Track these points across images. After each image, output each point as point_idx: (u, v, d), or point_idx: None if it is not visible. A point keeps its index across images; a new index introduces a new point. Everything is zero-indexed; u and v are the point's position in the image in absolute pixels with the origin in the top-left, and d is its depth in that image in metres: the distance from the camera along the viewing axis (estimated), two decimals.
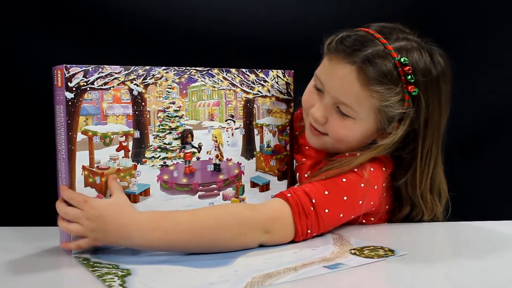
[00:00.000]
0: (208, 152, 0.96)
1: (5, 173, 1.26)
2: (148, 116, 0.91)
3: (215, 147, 0.97)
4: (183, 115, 0.94)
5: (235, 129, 1.00)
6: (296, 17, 1.32)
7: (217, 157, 0.97)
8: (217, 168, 0.97)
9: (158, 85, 0.92)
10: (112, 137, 0.87)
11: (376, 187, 0.94)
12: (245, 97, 1.01)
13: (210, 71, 0.97)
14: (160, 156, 0.92)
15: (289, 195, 0.86)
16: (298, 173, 1.06)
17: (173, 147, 0.93)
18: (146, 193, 0.90)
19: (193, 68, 0.95)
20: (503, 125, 1.34)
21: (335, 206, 0.88)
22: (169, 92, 0.93)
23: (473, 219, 1.03)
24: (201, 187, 0.95)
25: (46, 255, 0.85)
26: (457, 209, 1.02)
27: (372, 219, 0.99)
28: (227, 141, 0.99)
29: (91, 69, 0.85)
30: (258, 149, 1.02)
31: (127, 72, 0.89)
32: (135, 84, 0.89)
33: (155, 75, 0.91)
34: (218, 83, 0.98)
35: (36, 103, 1.16)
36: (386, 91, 0.91)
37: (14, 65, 1.24)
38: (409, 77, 0.91)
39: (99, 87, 0.86)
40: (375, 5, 1.28)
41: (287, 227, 0.85)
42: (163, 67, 0.92)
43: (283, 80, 1.05)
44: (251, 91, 1.01)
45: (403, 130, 0.93)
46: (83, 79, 0.85)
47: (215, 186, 0.97)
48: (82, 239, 0.81)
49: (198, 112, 0.96)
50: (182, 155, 0.94)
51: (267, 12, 1.31)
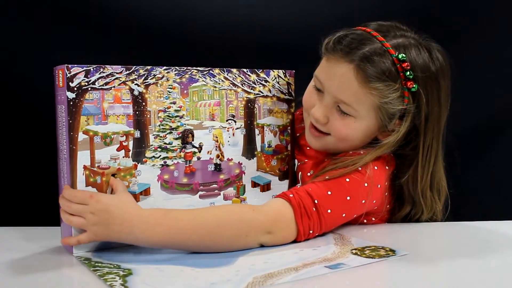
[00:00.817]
0: (208, 152, 0.96)
1: (6, 173, 1.26)
2: (148, 116, 0.91)
3: (216, 147, 0.97)
4: (183, 115, 0.94)
5: (236, 129, 1.00)
6: (297, 17, 1.32)
7: (217, 157, 0.97)
8: (218, 168, 0.97)
9: (159, 85, 0.92)
10: (112, 136, 0.87)
11: (379, 186, 0.94)
12: (246, 97, 1.01)
13: (211, 71, 0.97)
14: (160, 155, 0.92)
15: (291, 195, 0.86)
16: (300, 173, 1.05)
17: (173, 147, 0.93)
18: (146, 192, 0.90)
19: (194, 68, 0.95)
20: (503, 125, 1.33)
21: (338, 206, 0.88)
22: (170, 92, 0.93)
23: (473, 219, 1.03)
24: (201, 187, 0.95)
25: (47, 255, 0.85)
26: (457, 209, 1.02)
27: (373, 218, 1.00)
28: (228, 141, 0.99)
29: (92, 69, 0.85)
30: (259, 149, 1.02)
31: (128, 72, 0.89)
32: (136, 84, 0.89)
33: (156, 75, 0.91)
34: (219, 83, 0.98)
35: (37, 103, 1.16)
36: (385, 88, 0.91)
37: (14, 65, 1.24)
38: (408, 73, 0.91)
39: (100, 87, 0.86)
40: (375, 5, 1.28)
41: (289, 228, 0.85)
42: (164, 67, 0.92)
43: (284, 80, 1.05)
44: (252, 91, 1.01)
45: (405, 127, 0.94)
46: (84, 79, 0.85)
47: (216, 186, 0.97)
48: (82, 234, 0.81)
49: (199, 112, 0.96)
50: (182, 155, 0.94)
51: (268, 11, 1.31)
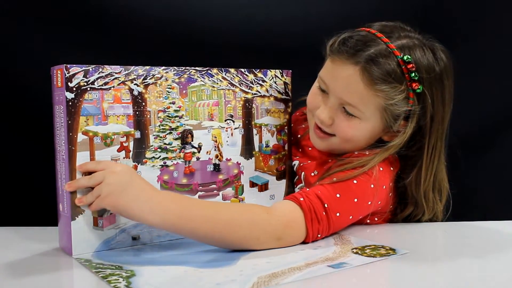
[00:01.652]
0: (207, 152, 0.96)
1: (3, 173, 1.25)
2: (148, 116, 0.90)
3: (215, 147, 0.97)
4: (183, 115, 0.94)
5: (234, 129, 1.00)
6: (296, 16, 1.32)
7: (216, 157, 0.97)
8: (217, 168, 0.97)
9: (158, 85, 0.91)
10: (113, 137, 0.87)
11: (384, 187, 0.95)
12: (244, 97, 1.01)
13: (209, 71, 0.97)
14: (160, 156, 0.91)
15: (301, 199, 0.86)
16: (303, 173, 1.05)
17: (173, 147, 0.93)
18: None
19: (193, 68, 0.95)
20: (504, 125, 1.34)
21: (346, 209, 0.88)
22: (169, 92, 0.93)
23: (473, 219, 1.03)
24: (201, 187, 0.95)
25: (45, 256, 0.84)
26: (457, 209, 1.02)
27: (376, 219, 1.00)
28: (227, 141, 0.99)
29: (91, 69, 0.85)
30: (257, 148, 1.02)
31: (127, 72, 0.88)
32: (135, 84, 0.89)
33: (155, 75, 0.91)
34: (217, 83, 0.98)
35: (35, 103, 1.15)
36: (390, 90, 0.91)
37: (13, 65, 1.22)
38: (413, 74, 0.92)
39: (99, 87, 0.86)
40: (375, 5, 1.28)
41: (299, 233, 0.85)
42: (163, 67, 0.92)
43: (281, 80, 1.05)
44: (250, 91, 1.01)
45: (411, 128, 0.94)
46: (83, 79, 0.84)
47: (215, 186, 0.97)
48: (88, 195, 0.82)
49: (198, 112, 0.96)
50: (182, 155, 0.93)
51: (267, 11, 1.31)
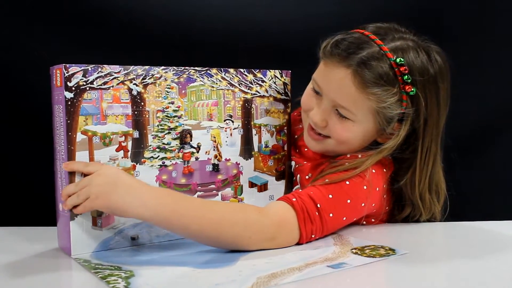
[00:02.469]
0: (207, 152, 0.96)
1: (5, 172, 1.24)
2: (147, 116, 0.90)
3: (214, 147, 0.97)
4: (182, 115, 0.94)
5: (233, 129, 0.99)
6: (296, 16, 1.32)
7: (215, 157, 0.97)
8: (216, 168, 0.97)
9: (157, 85, 0.91)
10: (111, 137, 0.87)
11: (377, 189, 0.94)
12: (243, 97, 1.00)
13: (208, 71, 0.96)
14: (159, 156, 0.91)
15: (294, 199, 0.85)
16: (298, 175, 1.05)
17: (172, 147, 0.92)
18: None
19: (192, 68, 0.95)
20: (503, 125, 1.34)
21: (339, 209, 0.88)
22: (168, 92, 0.92)
23: (473, 219, 1.03)
24: (199, 187, 0.95)
25: (44, 257, 0.84)
26: (457, 209, 1.02)
27: (372, 220, 1.00)
28: (226, 141, 0.98)
29: (90, 69, 0.85)
30: (256, 149, 1.02)
31: (126, 71, 0.88)
32: (134, 84, 0.89)
33: (154, 75, 0.91)
34: (216, 83, 0.97)
35: (34, 103, 1.15)
36: (383, 93, 0.91)
37: (13, 66, 1.22)
38: (406, 77, 0.91)
39: (98, 87, 0.85)
40: (375, 5, 1.27)
41: (292, 233, 0.84)
42: (162, 67, 0.92)
43: (280, 80, 1.05)
44: (249, 91, 1.01)
45: (405, 130, 0.93)
46: (82, 79, 0.84)
47: (214, 186, 0.97)
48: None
49: (197, 112, 0.95)
50: (181, 155, 0.93)
51: (267, 11, 1.31)
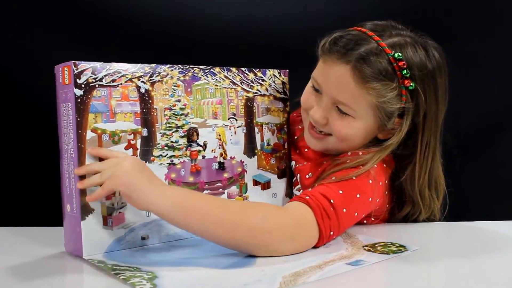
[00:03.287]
0: (212, 150, 0.95)
1: (6, 172, 1.19)
2: (155, 114, 0.89)
3: (219, 145, 0.96)
4: (188, 113, 0.93)
5: (237, 128, 0.99)
6: (295, 16, 1.33)
7: (221, 155, 0.96)
8: (222, 166, 0.96)
9: (164, 83, 0.90)
10: (121, 135, 0.85)
11: (381, 183, 0.96)
12: (246, 96, 1.00)
13: (212, 70, 0.96)
14: (167, 154, 0.90)
15: (307, 197, 0.85)
16: (298, 175, 1.05)
17: (179, 145, 0.91)
18: None
19: (196, 66, 0.94)
20: (503, 125, 1.36)
21: (351, 204, 0.89)
22: (174, 90, 0.91)
23: (473, 219, 1.04)
24: (207, 186, 0.94)
25: (56, 258, 0.82)
26: (457, 209, 1.04)
27: (372, 219, 1.01)
28: (231, 139, 0.98)
29: (99, 66, 0.82)
30: (259, 147, 1.02)
31: (134, 69, 0.86)
32: (142, 81, 0.87)
33: (161, 73, 0.89)
34: (220, 82, 0.97)
35: (37, 103, 1.11)
36: (382, 88, 0.92)
37: (14, 66, 1.18)
38: (405, 71, 0.92)
39: (107, 84, 0.83)
40: (374, 5, 1.29)
41: (312, 231, 0.83)
42: (168, 65, 0.90)
43: (279, 79, 1.06)
44: (251, 90, 1.01)
45: (407, 125, 0.95)
46: (91, 76, 0.81)
47: (220, 184, 0.96)
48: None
49: (202, 110, 0.95)
50: (188, 153, 0.92)
51: (267, 11, 1.31)
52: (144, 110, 0.87)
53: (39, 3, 1.21)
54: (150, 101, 0.88)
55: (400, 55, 0.92)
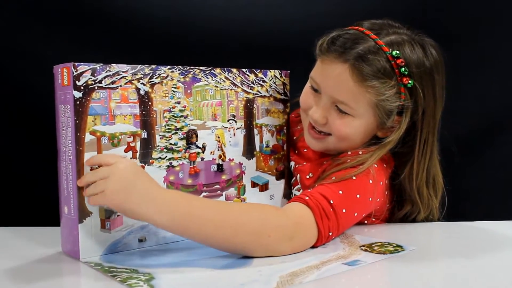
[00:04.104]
0: (211, 152, 0.96)
1: (5, 173, 1.21)
2: (154, 116, 0.89)
3: (218, 147, 0.97)
4: (188, 115, 0.93)
5: (236, 129, 1.00)
6: (295, 16, 1.33)
7: (220, 157, 0.97)
8: (220, 168, 0.97)
9: (163, 84, 0.90)
10: (120, 137, 0.85)
11: (381, 183, 0.96)
12: (246, 97, 1.01)
13: (212, 71, 0.96)
14: (166, 156, 0.90)
15: (306, 198, 0.86)
16: (298, 175, 1.06)
17: (178, 147, 0.92)
18: None
19: (197, 67, 0.94)
20: (503, 125, 1.36)
21: (350, 205, 0.89)
22: (174, 91, 0.92)
23: (473, 219, 1.04)
24: (205, 188, 0.95)
25: (51, 260, 0.82)
26: (456, 209, 1.04)
27: (373, 219, 1.01)
28: (229, 141, 0.99)
29: (98, 68, 0.83)
30: (257, 149, 1.03)
31: (134, 71, 0.87)
32: (141, 83, 0.88)
33: (161, 74, 0.90)
34: (220, 83, 0.97)
35: (37, 103, 1.12)
36: (381, 86, 0.93)
37: (14, 65, 1.19)
38: (403, 69, 0.93)
39: (107, 86, 0.84)
40: (374, 5, 1.29)
41: (310, 231, 0.84)
42: (168, 66, 0.91)
43: (280, 80, 1.06)
44: (251, 91, 1.02)
45: (406, 123, 0.95)
46: (91, 78, 0.82)
47: (218, 186, 0.97)
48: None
49: (202, 112, 0.95)
50: (187, 155, 0.93)
51: (267, 12, 1.31)
52: (143, 112, 0.88)
53: (39, 3, 1.21)
54: (149, 103, 0.89)
55: (398, 53, 0.93)
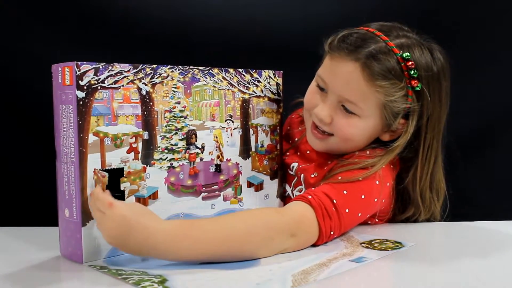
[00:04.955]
0: (210, 152, 0.96)
1: (5, 173, 1.16)
2: (156, 116, 0.88)
3: (216, 147, 0.97)
4: (187, 115, 0.93)
5: (233, 129, 1.00)
6: (295, 16, 1.33)
7: (218, 157, 0.97)
8: (218, 168, 0.97)
9: (164, 84, 0.90)
10: (122, 138, 0.84)
11: (388, 184, 0.97)
12: (242, 97, 1.01)
13: (211, 71, 0.96)
14: (167, 157, 0.90)
15: (309, 197, 0.86)
16: (302, 175, 1.06)
17: (179, 148, 0.91)
18: (154, 196, 0.88)
19: (196, 67, 0.94)
20: (503, 125, 1.36)
21: (354, 205, 0.90)
22: (174, 91, 0.91)
23: (473, 219, 1.04)
24: (204, 188, 0.95)
25: (56, 264, 0.80)
26: (457, 209, 1.05)
27: (377, 220, 1.02)
28: (227, 142, 0.99)
29: (101, 67, 0.81)
30: (253, 149, 1.03)
31: (135, 70, 0.86)
32: (143, 83, 0.87)
33: (161, 74, 0.89)
34: (218, 83, 0.97)
35: (36, 103, 1.08)
36: (390, 86, 0.93)
37: (13, 65, 1.15)
38: (412, 72, 0.93)
39: (109, 86, 0.83)
40: (374, 5, 1.29)
41: (312, 229, 0.85)
42: (169, 66, 0.90)
43: (274, 80, 1.07)
44: (247, 91, 1.02)
45: (413, 126, 0.96)
46: (94, 77, 0.80)
47: (217, 187, 0.97)
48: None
49: (201, 112, 0.95)
50: (187, 156, 0.92)
51: (267, 12, 1.31)
52: (145, 112, 0.87)
53: (39, 3, 1.19)
54: (151, 103, 0.88)
55: (408, 55, 0.94)
